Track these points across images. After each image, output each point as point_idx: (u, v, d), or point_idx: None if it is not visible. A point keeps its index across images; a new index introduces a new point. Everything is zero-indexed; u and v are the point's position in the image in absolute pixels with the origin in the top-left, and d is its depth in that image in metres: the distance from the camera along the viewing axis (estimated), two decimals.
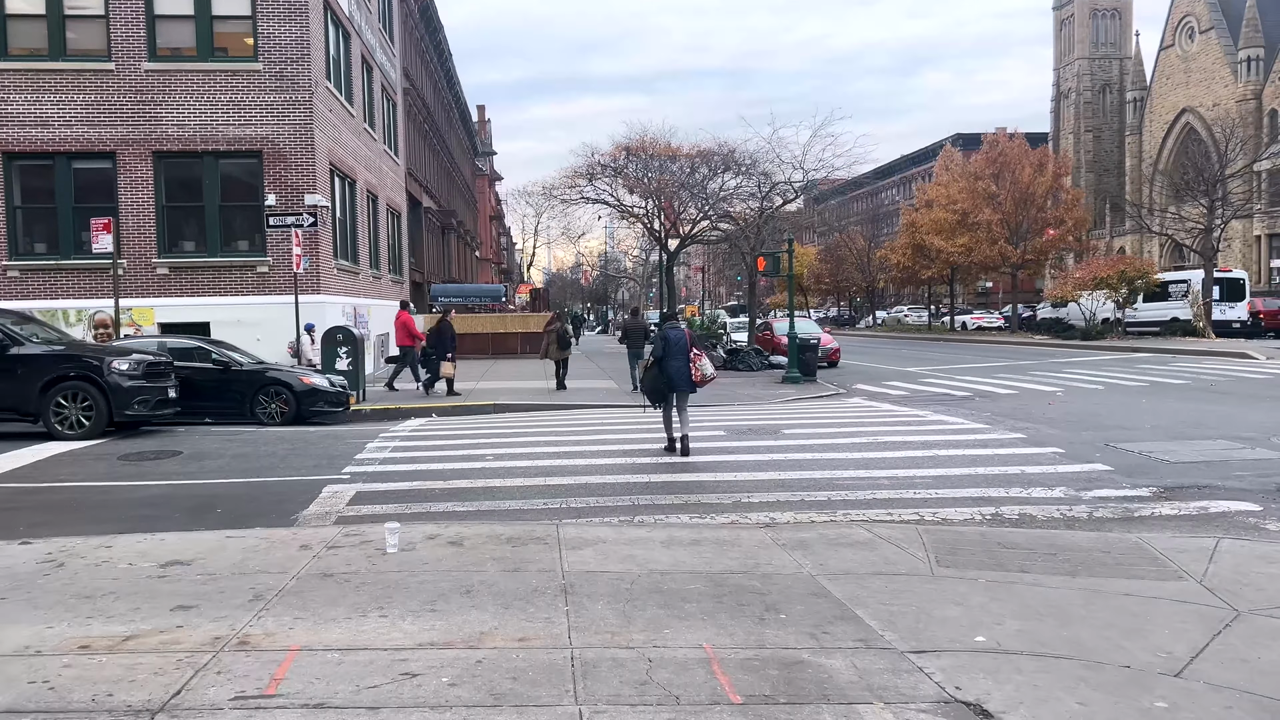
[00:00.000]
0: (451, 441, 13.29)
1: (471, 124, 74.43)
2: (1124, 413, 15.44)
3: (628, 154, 38.94)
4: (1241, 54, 66.37)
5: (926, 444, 12.27)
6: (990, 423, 14.37)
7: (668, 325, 12.83)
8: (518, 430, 14.55)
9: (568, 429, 14.54)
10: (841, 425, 14.34)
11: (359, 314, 25.86)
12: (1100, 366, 25.01)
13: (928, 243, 47.87)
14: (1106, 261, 37.97)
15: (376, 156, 30.25)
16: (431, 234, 45.07)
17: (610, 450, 12.26)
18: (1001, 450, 11.76)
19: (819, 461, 11.14)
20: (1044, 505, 8.95)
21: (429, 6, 43.89)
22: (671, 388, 12.09)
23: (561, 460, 11.49)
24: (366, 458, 11.94)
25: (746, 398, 19.91)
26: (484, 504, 9.19)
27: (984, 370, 25.50)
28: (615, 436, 13.57)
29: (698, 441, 12.80)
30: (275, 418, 16.05)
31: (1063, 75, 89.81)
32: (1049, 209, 46.11)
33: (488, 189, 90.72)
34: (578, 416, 16.71)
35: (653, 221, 42.83)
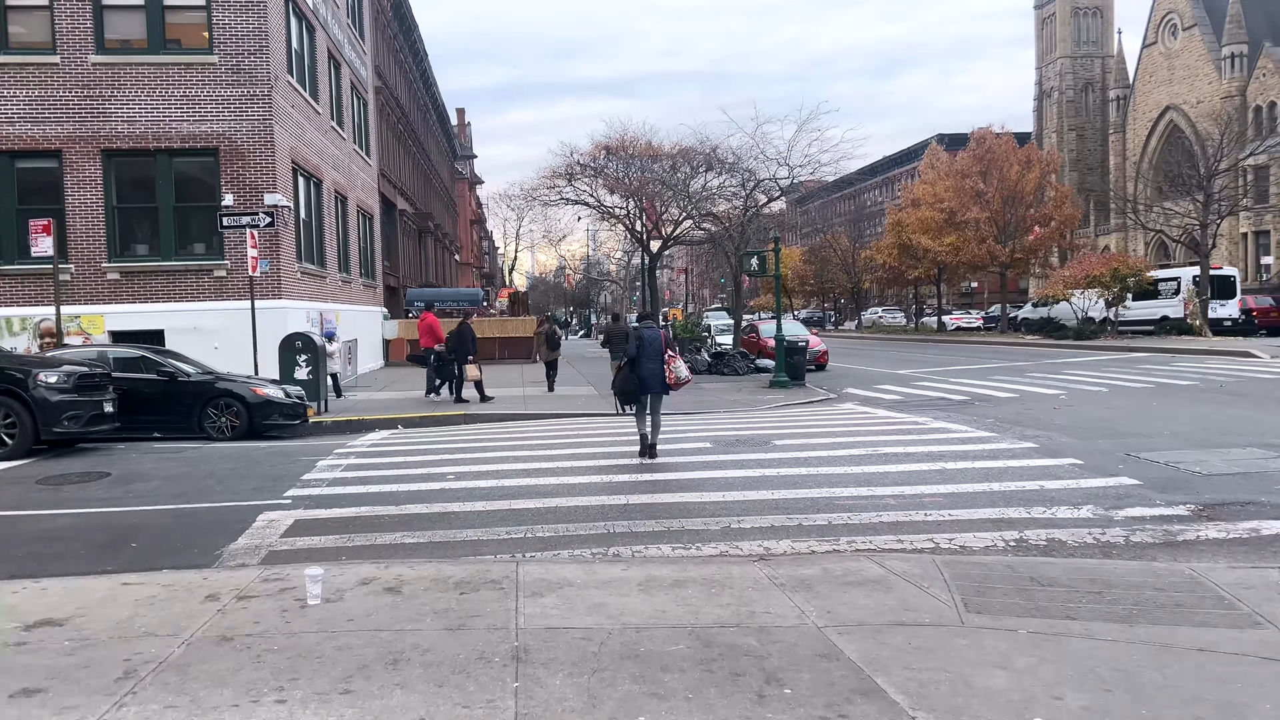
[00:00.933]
0: (412, 458, 12.14)
1: (450, 127, 73.22)
2: (1137, 417, 14.44)
3: (607, 153, 37.82)
4: (1225, 50, 65.89)
5: (931, 456, 11.22)
6: (996, 430, 13.34)
7: (643, 325, 12.45)
8: (486, 444, 13.42)
9: (540, 442, 13.42)
10: (836, 435, 13.27)
11: (326, 319, 24.65)
12: (1099, 367, 24.07)
13: (914, 242, 46.96)
14: (1099, 259, 37.14)
15: (345, 156, 29.06)
16: (407, 237, 43.86)
17: (585, 467, 11.15)
18: (1014, 462, 10.71)
19: (816, 478, 10.06)
20: (1073, 528, 7.90)
21: (402, 4, 42.71)
22: (644, 389, 11.70)
23: (530, 479, 10.37)
24: (315, 478, 10.79)
25: (733, 404, 18.84)
26: (438, 533, 8.07)
27: (979, 372, 24.53)
28: (591, 450, 12.46)
29: (683, 455, 11.72)
30: (226, 432, 14.86)
31: (1045, 74, 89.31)
32: (1037, 206, 45.29)
33: (468, 193, 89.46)
34: (553, 426, 15.59)
35: (634, 223, 41.78)
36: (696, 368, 26.91)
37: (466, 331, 20.20)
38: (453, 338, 20.16)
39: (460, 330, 20.19)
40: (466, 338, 20.06)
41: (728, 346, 29.44)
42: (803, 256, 65.68)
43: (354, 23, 31.94)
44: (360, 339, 29.56)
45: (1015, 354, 31.68)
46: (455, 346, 20.00)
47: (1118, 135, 78.33)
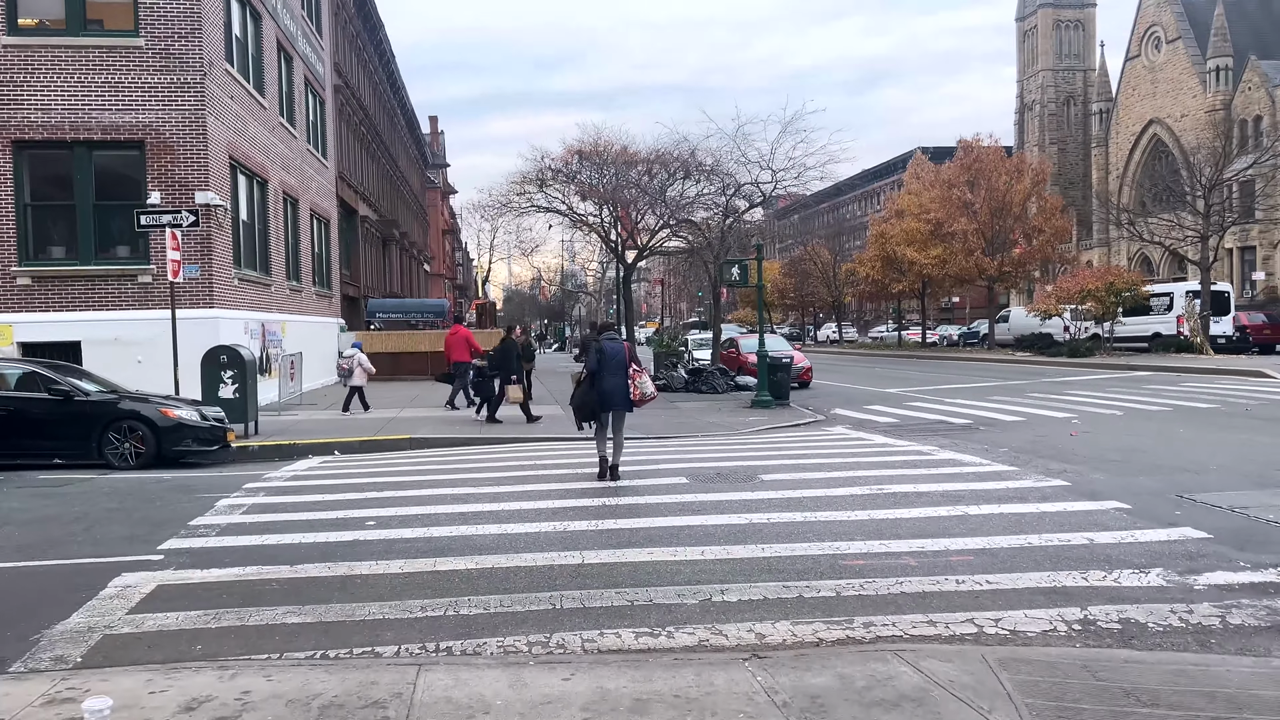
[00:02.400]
0: (332, 496, 10.24)
1: (421, 133, 71.32)
2: (1168, 447, 12.76)
3: (580, 158, 36.05)
4: (1210, 64, 65.08)
5: (948, 497, 9.45)
6: (1014, 463, 11.61)
7: (604, 336, 11.52)
8: (426, 476, 11.53)
9: (488, 474, 11.55)
10: (831, 466, 11.49)
11: (269, 331, 22.67)
12: (1102, 387, 22.48)
13: (899, 254, 45.41)
14: (1093, 273, 35.74)
15: (298, 156, 27.13)
16: (370, 245, 41.90)
17: (536, 510, 9.29)
18: (1048, 506, 8.96)
19: (814, 526, 8.26)
20: (1149, 603, 6.14)
21: (366, 1, 40.84)
22: (605, 405, 10.93)
23: (466, 527, 8.51)
24: (207, 523, 8.88)
25: (712, 427, 17.05)
26: (333, 609, 6.20)
27: (974, 392, 22.87)
28: (546, 487, 10.60)
29: (654, 494, 9.90)
30: (130, 459, 12.91)
31: (1026, 87, 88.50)
32: (1027, 218, 43.89)
33: (440, 202, 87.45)
34: (508, 453, 13.73)
35: (609, 232, 40.01)
36: (673, 385, 25.16)
37: (511, 348, 18.47)
38: (497, 354, 18.39)
39: (505, 347, 18.31)
40: (511, 354, 18.34)
41: (706, 362, 27.68)
42: (782, 269, 64.08)
43: (310, 15, 30.06)
44: (311, 352, 27.58)
45: (1008, 372, 30.11)
46: (499, 364, 18.18)
47: (1100, 149, 77.45)
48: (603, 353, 11.04)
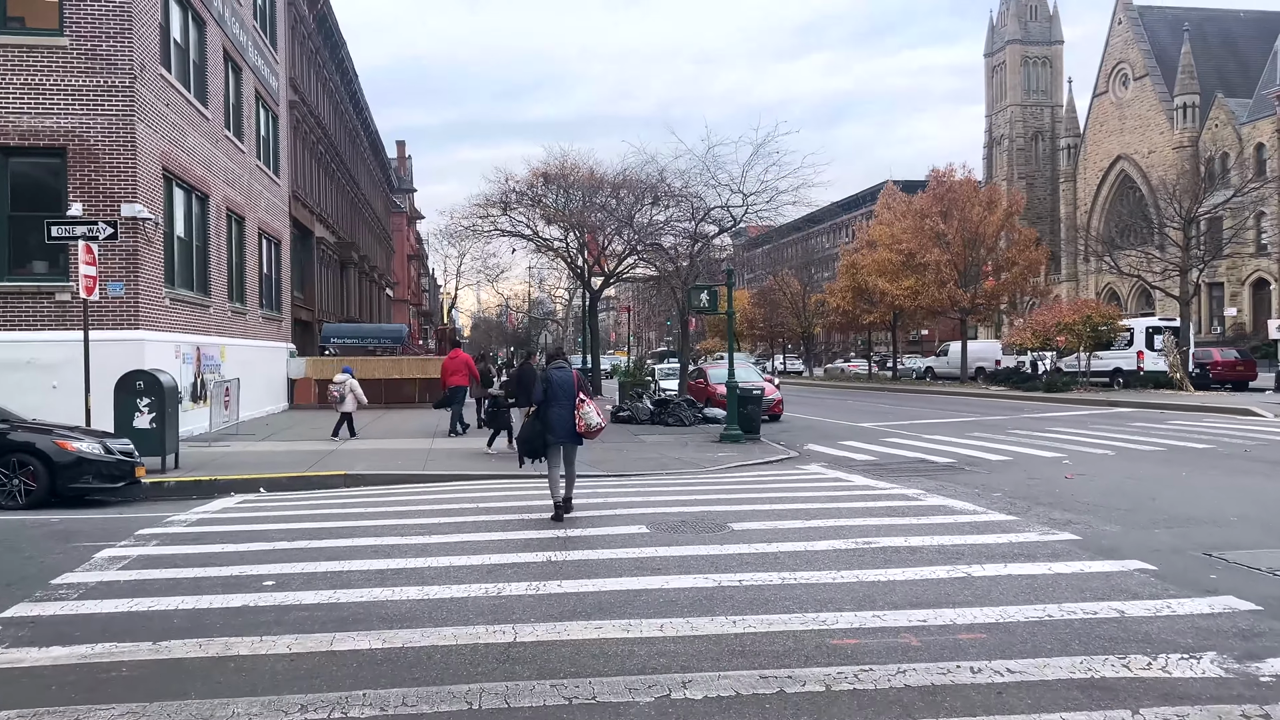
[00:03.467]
0: (235, 547, 8.83)
1: (386, 156, 69.96)
2: (1175, 493, 11.66)
3: (545, 181, 34.96)
4: (1177, 100, 65.42)
5: (945, 553, 8.23)
6: (1012, 510, 10.43)
7: (553, 365, 10.78)
8: (348, 521, 10.14)
9: (424, 519, 10.18)
10: (810, 513, 10.24)
11: (206, 355, 21.19)
12: (1086, 424, 21.49)
13: (870, 284, 44.56)
14: (1070, 306, 35.01)
15: (245, 172, 25.72)
16: (327, 268, 40.39)
17: (468, 567, 7.97)
18: (1061, 566, 7.76)
19: (794, 591, 7.00)
20: (1213, 704, 4.92)
21: (326, 17, 39.61)
22: (553, 439, 10.27)
23: (381, 589, 7.16)
24: (73, 581, 7.47)
25: (678, 464, 15.78)
26: (189, 708, 4.83)
27: (953, 428, 21.80)
28: (487, 536, 9.27)
29: (608, 548, 8.60)
30: (18, 497, 11.42)
31: (995, 122, 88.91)
32: (1000, 250, 43.24)
33: (406, 227, 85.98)
34: (448, 492, 12.36)
35: (575, 258, 38.86)
36: (637, 416, 23.90)
37: (528, 374, 17.12)
38: (512, 381, 17.32)
39: (523, 373, 16.98)
40: (528, 381, 16.99)
41: (673, 393, 26.45)
42: (752, 299, 63.18)
43: (263, 27, 28.77)
44: (256, 378, 26.06)
45: (984, 406, 29.14)
46: (516, 391, 16.88)
47: (1068, 184, 77.68)
48: (549, 382, 10.34)
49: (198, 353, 20.47)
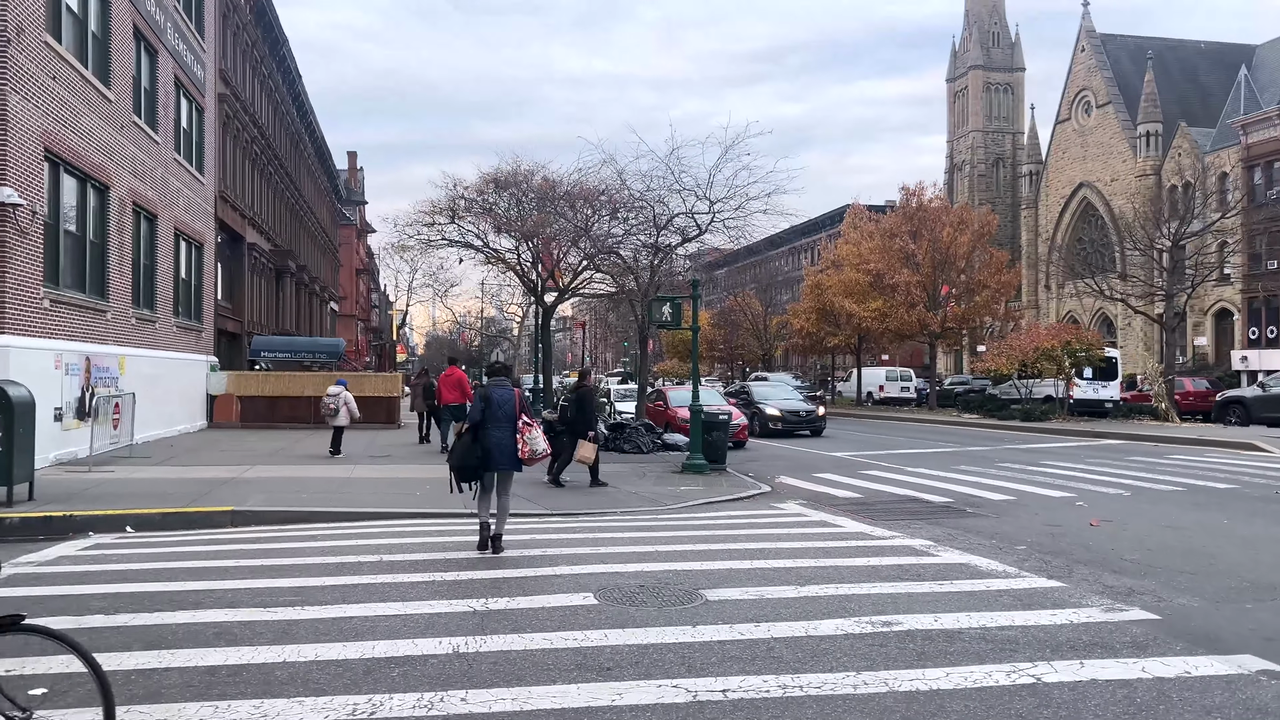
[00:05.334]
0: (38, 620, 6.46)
1: (333, 165, 67.24)
2: (1231, 546, 9.70)
3: (497, 187, 32.67)
4: (1140, 129, 64.86)
5: (995, 642, 6.11)
6: (1050, 572, 8.37)
7: (492, 382, 9.71)
8: (209, 582, 7.79)
9: (305, 577, 7.85)
10: (802, 576, 8.09)
11: (99, 366, 18.63)
12: (1080, 458, 19.65)
13: (836, 305, 42.80)
14: (1049, 330, 33.47)
15: (158, 164, 23.20)
16: (260, 276, 37.71)
17: (341, 661, 5.67)
18: (1157, 666, 5.69)
19: (803, 711, 4.82)
20: None
21: (265, 10, 37.15)
22: (488, 464, 9.27)
23: (196, 709, 4.86)
24: None
25: (634, 500, 13.58)
26: None
27: (935, 459, 19.85)
28: (378, 610, 6.95)
29: (542, 631, 6.33)
30: None
31: (956, 148, 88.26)
32: (971, 271, 41.66)
33: (356, 240, 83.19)
34: (353, 538, 10.02)
35: (529, 271, 36.58)
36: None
37: (588, 397, 15.51)
38: (573, 405, 15.46)
39: (581, 395, 15.47)
40: (589, 405, 15.40)
41: (630, 416, 24.27)
42: (712, 320, 61.23)
43: (188, 10, 26.32)
44: (167, 394, 23.46)
45: (962, 435, 27.29)
46: (574, 416, 15.23)
47: (1030, 211, 77.00)
48: (488, 401, 9.28)
49: (87, 363, 17.90)
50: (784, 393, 29.14)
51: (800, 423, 26.46)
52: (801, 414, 26.68)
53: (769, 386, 30.41)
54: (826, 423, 27.46)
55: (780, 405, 26.74)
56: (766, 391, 28.78)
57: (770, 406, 26.54)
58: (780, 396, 28.09)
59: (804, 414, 26.71)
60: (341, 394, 19.67)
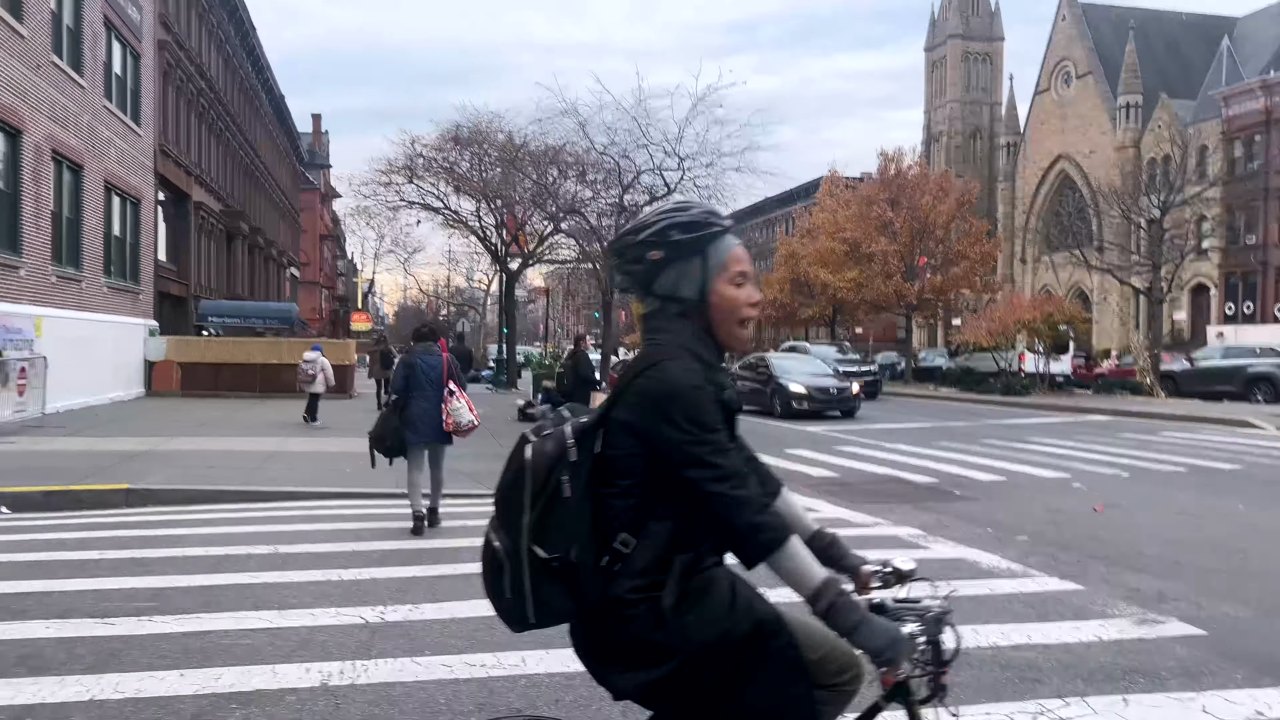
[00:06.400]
0: None
1: (294, 126, 64.92)
2: (1257, 538, 8.56)
3: (457, 145, 31.08)
4: (1121, 100, 63.93)
5: (1012, 666, 4.88)
6: (1061, 569, 7.16)
7: (418, 349, 8.83)
8: (62, 579, 6.40)
9: (178, 576, 6.49)
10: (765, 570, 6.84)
11: (10, 329, 17.06)
12: (1068, 434, 18.57)
13: (811, 275, 41.60)
14: (1031, 302, 32.44)
15: (84, 111, 21.48)
16: (209, 238, 35.90)
17: (174, 694, 4.32)
18: (1219, 705, 4.47)
19: None
20: None
21: None
22: (414, 436, 8.40)
23: None
24: None
25: None
26: None
27: (914, 435, 18.71)
28: (250, 624, 5.61)
29: (441, 655, 5.01)
30: None
31: (934, 118, 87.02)
32: (950, 241, 40.52)
33: (320, 205, 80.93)
34: (257, 523, 8.66)
35: (491, 236, 35.06)
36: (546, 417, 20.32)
37: (584, 362, 14.71)
38: (569, 371, 14.82)
39: (577, 361, 14.68)
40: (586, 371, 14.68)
41: None
42: None
43: None
44: (97, 359, 21.91)
45: (939, 410, 26.20)
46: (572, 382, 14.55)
47: (1007, 184, 76.10)
48: (411, 369, 8.47)
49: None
50: (811, 366, 24.80)
51: (830, 402, 22.61)
52: (832, 392, 22.79)
53: (793, 360, 25.87)
54: (861, 403, 23.81)
55: (807, 381, 22.77)
56: (789, 365, 24.41)
57: (794, 383, 22.57)
58: (807, 371, 23.93)
59: (835, 392, 22.83)
60: (318, 360, 19.23)
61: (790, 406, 22.13)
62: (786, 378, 22.88)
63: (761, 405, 22.97)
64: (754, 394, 23.27)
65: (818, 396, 22.39)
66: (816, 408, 22.34)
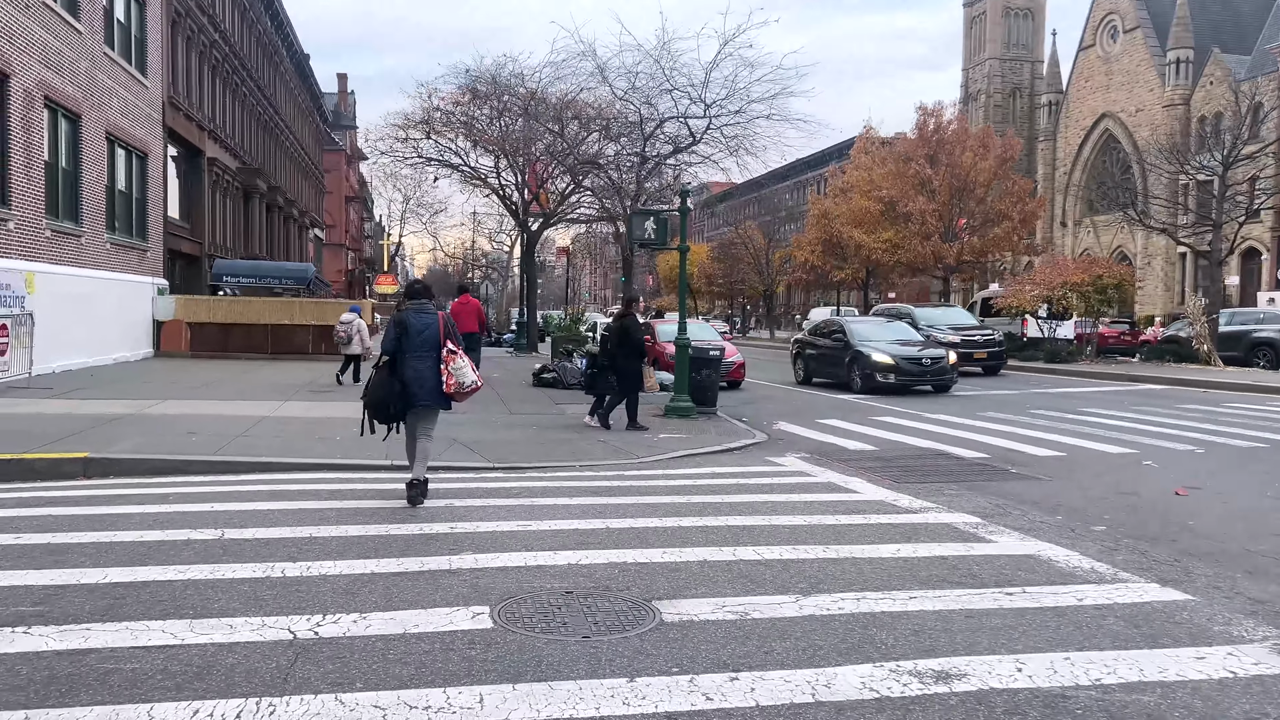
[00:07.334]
0: None
1: (316, 85, 63.78)
2: None
3: (474, 98, 29.81)
4: (1170, 55, 61.25)
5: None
6: (1154, 567, 5.94)
7: (411, 305, 8.15)
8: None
9: (89, 569, 5.43)
10: (800, 571, 5.69)
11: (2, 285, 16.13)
12: (1122, 405, 17.18)
13: (844, 236, 39.98)
14: (1077, 264, 30.79)
15: (82, 58, 20.40)
16: (224, 195, 34.94)
17: None
18: None
19: None
20: None
21: None
22: (408, 400, 7.67)
23: None
24: None
25: (601, 450, 11.17)
26: None
27: (955, 403, 17.42)
28: (148, 641, 4.50)
29: (386, 690, 3.86)
30: None
31: (971, 76, 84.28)
32: (990, 200, 38.68)
33: (345, 166, 79.81)
34: (221, 499, 7.60)
35: (511, 193, 33.85)
36: (565, 379, 19.28)
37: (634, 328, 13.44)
38: (614, 336, 13.47)
39: (625, 326, 13.35)
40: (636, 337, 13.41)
41: None
42: (711, 253, 58.45)
43: None
44: (101, 318, 21.05)
45: (979, 378, 24.78)
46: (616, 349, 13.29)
47: (1048, 143, 73.49)
48: (405, 327, 7.77)
49: None
50: (895, 332, 21.12)
51: (922, 374, 19.31)
52: (925, 362, 19.33)
53: (873, 324, 22.23)
54: (957, 375, 20.11)
55: (894, 351, 19.44)
56: (869, 330, 20.91)
57: (879, 352, 19.29)
58: (890, 337, 20.41)
59: (929, 362, 19.34)
60: (355, 321, 19.03)
61: (873, 379, 19.05)
62: (867, 345, 19.67)
63: (835, 378, 20.35)
64: (827, 364, 20.86)
65: (908, 368, 19.15)
66: (905, 381, 19.15)
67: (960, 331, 24.78)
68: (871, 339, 20.09)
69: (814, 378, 21.51)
